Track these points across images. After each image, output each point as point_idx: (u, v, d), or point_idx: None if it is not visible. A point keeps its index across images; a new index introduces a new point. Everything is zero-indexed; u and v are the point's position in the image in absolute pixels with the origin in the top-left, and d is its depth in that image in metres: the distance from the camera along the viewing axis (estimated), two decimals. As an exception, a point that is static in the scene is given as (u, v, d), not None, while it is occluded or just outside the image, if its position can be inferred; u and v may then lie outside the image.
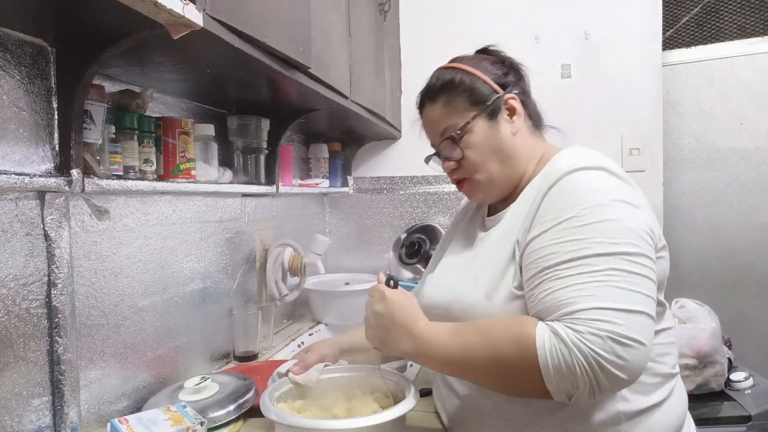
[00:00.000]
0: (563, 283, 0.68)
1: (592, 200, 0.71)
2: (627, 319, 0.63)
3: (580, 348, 0.62)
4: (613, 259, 0.67)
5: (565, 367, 0.62)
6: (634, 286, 0.66)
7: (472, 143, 0.86)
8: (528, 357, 0.65)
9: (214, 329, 1.30)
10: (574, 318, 0.64)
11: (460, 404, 0.86)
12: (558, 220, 0.72)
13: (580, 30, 1.92)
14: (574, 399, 0.65)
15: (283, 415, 0.78)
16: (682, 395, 0.83)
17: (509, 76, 0.90)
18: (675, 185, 2.08)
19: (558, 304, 0.67)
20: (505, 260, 0.79)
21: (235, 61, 0.94)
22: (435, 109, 0.90)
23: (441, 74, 0.90)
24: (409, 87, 2.08)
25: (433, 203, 2.08)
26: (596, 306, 0.64)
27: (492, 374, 0.71)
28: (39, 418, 0.81)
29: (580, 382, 0.62)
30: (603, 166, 0.76)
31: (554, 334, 0.64)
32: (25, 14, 0.74)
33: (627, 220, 0.70)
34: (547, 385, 0.64)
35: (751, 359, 1.74)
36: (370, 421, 0.75)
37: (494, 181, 0.87)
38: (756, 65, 1.98)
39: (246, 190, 1.41)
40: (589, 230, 0.69)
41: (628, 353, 0.62)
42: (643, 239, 0.70)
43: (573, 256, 0.69)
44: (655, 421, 0.76)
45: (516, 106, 0.87)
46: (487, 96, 0.86)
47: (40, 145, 0.82)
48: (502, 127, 0.86)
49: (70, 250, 0.85)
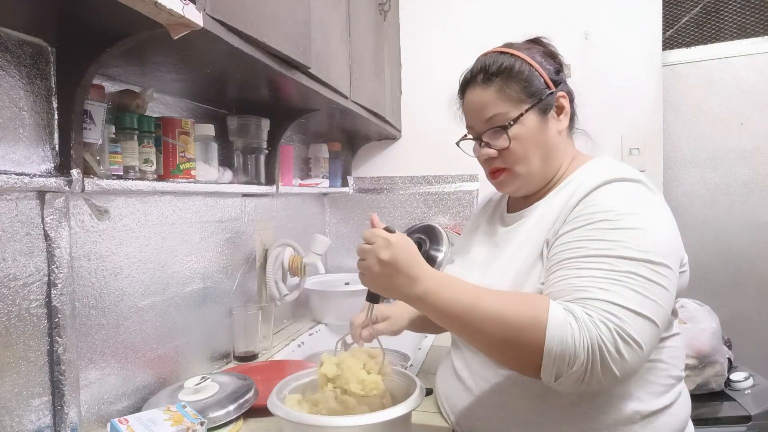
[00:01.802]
0: (581, 273, 0.69)
1: (626, 208, 0.73)
2: (634, 321, 0.64)
3: (590, 329, 0.63)
4: (635, 264, 0.68)
5: (570, 341, 0.63)
6: (649, 293, 0.67)
7: (521, 135, 0.85)
8: (538, 323, 0.64)
9: (214, 329, 1.30)
10: (586, 303, 0.66)
11: (470, 399, 0.85)
12: (590, 221, 0.73)
13: (580, 30, 1.92)
14: (558, 381, 0.65)
15: (289, 412, 0.77)
16: (688, 398, 0.85)
17: (561, 74, 0.90)
18: (675, 185, 2.08)
19: (572, 288, 0.68)
20: (533, 257, 0.80)
21: (235, 61, 0.94)
22: (487, 92, 0.86)
23: (498, 58, 0.87)
24: (409, 87, 2.08)
25: (433, 203, 2.08)
26: (608, 299, 0.65)
27: (492, 334, 0.68)
28: (39, 418, 0.81)
29: (577, 362, 0.62)
30: (641, 179, 0.78)
31: (567, 311, 0.65)
32: (25, 14, 0.74)
33: (657, 231, 0.72)
34: (545, 355, 0.64)
35: (751, 359, 1.74)
36: (375, 418, 0.74)
37: (532, 176, 0.87)
38: (756, 65, 1.98)
39: (246, 190, 1.41)
40: (618, 234, 0.70)
41: (628, 352, 0.63)
42: (670, 251, 0.71)
43: (596, 253, 0.70)
44: (664, 421, 0.77)
45: (565, 105, 0.88)
46: (541, 90, 0.86)
47: (40, 145, 0.82)
48: (551, 125, 0.87)
49: (70, 250, 0.85)
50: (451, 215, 2.06)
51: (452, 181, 2.05)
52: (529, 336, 0.65)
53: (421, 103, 2.05)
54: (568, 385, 0.65)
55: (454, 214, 2.05)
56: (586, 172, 0.83)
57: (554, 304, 0.66)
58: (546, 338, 0.64)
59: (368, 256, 0.77)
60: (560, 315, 0.64)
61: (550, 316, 0.64)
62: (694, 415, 0.87)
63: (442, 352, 1.04)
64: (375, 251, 0.76)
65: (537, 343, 0.64)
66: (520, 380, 0.78)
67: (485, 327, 0.69)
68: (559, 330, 0.63)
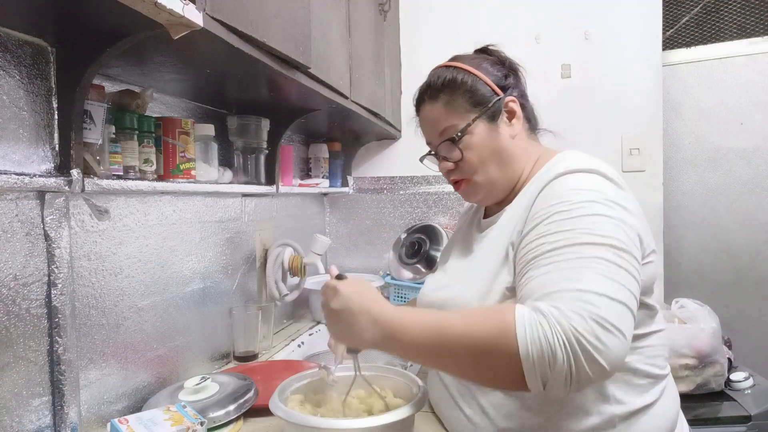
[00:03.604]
0: (547, 270, 0.67)
1: (582, 197, 0.71)
2: (609, 306, 0.61)
3: (561, 323, 0.59)
4: (600, 249, 0.66)
5: (544, 340, 0.59)
6: (617, 277, 0.64)
7: (472, 145, 0.86)
8: (506, 331, 0.61)
9: (214, 329, 1.30)
10: (554, 297, 0.62)
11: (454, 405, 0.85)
12: (547, 215, 0.72)
13: (580, 30, 1.92)
14: (549, 386, 0.60)
15: (290, 413, 0.77)
16: (674, 396, 0.83)
17: (509, 79, 0.90)
18: (675, 185, 2.08)
19: (539, 286, 0.66)
20: (498, 261, 0.79)
21: (235, 61, 0.94)
22: (435, 108, 0.89)
23: (442, 73, 0.89)
24: (409, 87, 2.07)
25: (433, 203, 2.08)
26: (578, 288, 0.62)
27: (465, 356, 0.65)
28: (39, 418, 0.81)
29: (557, 361, 0.58)
30: (596, 169, 0.76)
31: (534, 310, 0.62)
32: (25, 14, 0.74)
33: (617, 218, 0.70)
34: (524, 364, 0.60)
35: (751, 359, 1.74)
36: (378, 420, 0.74)
37: (492, 183, 0.88)
38: (756, 65, 1.98)
39: (246, 190, 1.41)
40: (577, 222, 0.69)
41: (608, 338, 0.59)
42: (631, 239, 0.69)
43: (558, 245, 0.68)
44: (647, 422, 0.75)
45: (516, 109, 0.88)
46: (488, 98, 0.86)
47: (40, 145, 0.82)
48: (502, 130, 0.87)
49: (70, 250, 0.85)
50: (451, 215, 2.06)
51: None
52: (502, 347, 0.61)
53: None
54: (557, 389, 0.60)
55: (454, 214, 2.05)
56: (547, 168, 0.82)
57: (520, 308, 0.63)
58: (518, 344, 0.60)
59: (324, 310, 0.78)
60: (527, 316, 0.61)
61: (517, 320, 0.61)
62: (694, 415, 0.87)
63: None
64: (326, 304, 0.76)
65: (511, 352, 0.60)
66: None
67: (456, 351, 0.65)
68: (529, 332, 0.60)
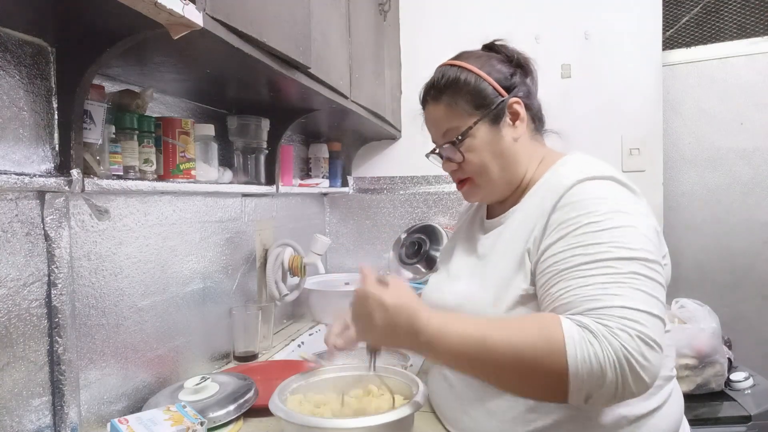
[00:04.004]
0: (585, 282, 0.67)
1: (606, 207, 0.72)
2: (651, 322, 0.63)
3: (612, 342, 0.60)
4: (635, 264, 0.67)
5: (595, 360, 0.59)
6: (653, 291, 0.66)
7: (473, 147, 0.86)
8: (555, 349, 0.61)
9: (214, 329, 1.30)
10: (600, 314, 0.63)
11: (457, 402, 0.85)
12: (575, 226, 0.72)
13: (580, 30, 1.92)
14: (592, 401, 0.62)
15: (291, 413, 0.77)
16: (679, 397, 0.84)
17: (515, 77, 0.88)
18: (675, 185, 2.08)
19: (581, 300, 0.66)
20: (513, 267, 0.78)
21: (235, 61, 0.94)
22: (438, 108, 0.89)
23: (446, 72, 0.88)
24: (409, 87, 2.07)
25: (433, 203, 2.08)
26: (624, 305, 0.63)
27: (510, 370, 0.65)
28: (39, 418, 0.81)
29: (608, 379, 0.60)
30: (612, 175, 0.76)
31: (583, 327, 0.62)
32: (25, 14, 0.74)
33: (640, 227, 0.71)
34: (571, 380, 0.60)
35: (751, 359, 1.74)
36: (378, 420, 0.74)
37: (493, 185, 0.88)
38: (756, 65, 1.98)
39: (246, 190, 1.41)
40: (608, 235, 0.69)
41: (652, 356, 0.61)
42: (655, 246, 0.71)
43: (594, 258, 0.68)
44: (655, 423, 0.76)
45: (520, 111, 0.87)
46: (491, 99, 0.85)
47: (40, 145, 0.82)
48: (504, 132, 0.86)
49: (70, 250, 0.85)
50: (451, 215, 2.06)
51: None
52: (550, 364, 0.62)
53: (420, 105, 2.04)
54: (600, 404, 0.63)
55: (454, 214, 2.05)
56: (557, 173, 0.81)
57: (567, 323, 0.63)
58: (568, 363, 0.60)
59: (364, 319, 0.74)
60: (576, 334, 0.61)
61: (566, 337, 0.61)
62: (694, 415, 0.87)
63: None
64: (369, 315, 0.72)
65: (559, 370, 0.61)
66: None
67: (500, 364, 0.65)
68: (579, 351, 0.60)
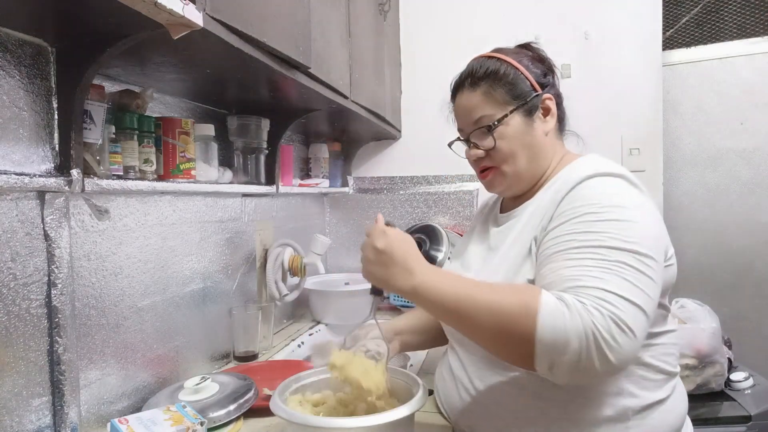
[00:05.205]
0: (571, 264, 0.70)
1: (611, 201, 0.75)
2: (627, 308, 0.65)
3: (582, 315, 0.63)
4: (624, 254, 0.69)
5: (561, 328, 0.63)
6: (639, 282, 0.68)
7: (506, 135, 0.88)
8: (528, 312, 0.65)
9: (214, 329, 1.30)
10: (579, 292, 0.66)
11: (467, 398, 0.86)
12: (575, 215, 0.75)
13: (580, 30, 1.92)
14: (554, 370, 0.65)
15: (292, 413, 0.77)
16: (683, 394, 0.86)
17: (548, 77, 0.92)
18: (675, 185, 2.08)
19: (564, 278, 0.69)
20: (522, 255, 0.82)
21: (235, 61, 0.94)
22: (474, 95, 0.90)
23: (485, 62, 0.91)
24: (409, 87, 2.08)
25: (433, 203, 2.08)
26: (602, 287, 0.66)
27: (486, 324, 0.70)
28: (39, 418, 0.81)
29: (570, 348, 0.63)
30: (623, 174, 0.79)
31: (560, 299, 0.66)
32: (25, 14, 0.74)
33: (642, 223, 0.73)
34: (537, 343, 0.64)
35: (751, 359, 1.74)
36: (380, 419, 0.74)
37: (519, 175, 0.90)
38: (756, 65, 1.98)
39: (246, 190, 1.41)
40: (605, 226, 0.72)
41: (622, 338, 0.63)
42: (655, 244, 0.73)
43: (585, 245, 0.71)
44: (659, 417, 0.78)
45: (551, 107, 0.90)
46: (527, 92, 0.89)
47: (40, 145, 0.82)
48: (536, 125, 0.90)
49: (70, 250, 0.85)
50: (451, 215, 2.06)
51: (452, 181, 2.04)
52: (521, 324, 0.65)
53: (421, 103, 2.04)
54: (562, 374, 0.65)
55: (454, 214, 2.05)
56: (572, 169, 0.85)
57: (546, 294, 0.67)
58: (537, 325, 0.64)
59: (365, 247, 0.82)
60: (551, 302, 0.65)
61: (542, 303, 0.65)
62: (694, 415, 0.88)
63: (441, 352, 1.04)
64: (372, 241, 0.80)
65: (529, 331, 0.65)
66: (515, 378, 0.80)
67: (479, 317, 0.70)
68: (550, 317, 0.64)
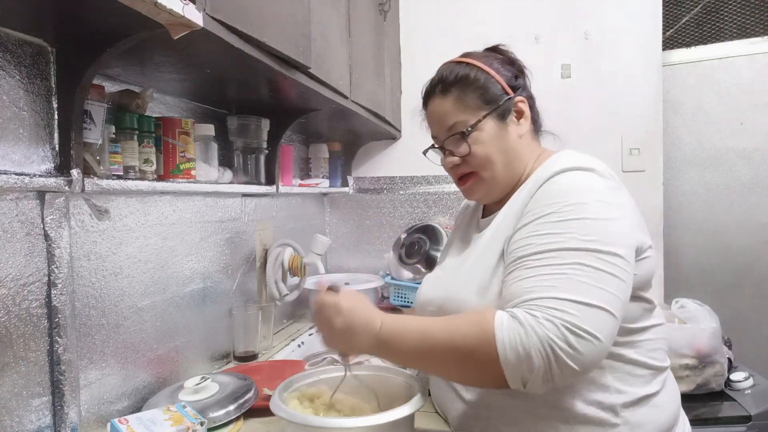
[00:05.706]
0: (529, 273, 0.70)
1: (574, 198, 0.74)
2: (584, 312, 0.64)
3: (536, 331, 0.63)
4: (582, 254, 0.69)
5: (521, 348, 0.63)
6: (598, 282, 0.67)
7: (481, 140, 0.87)
8: (486, 338, 0.66)
9: (214, 329, 1.30)
10: (531, 304, 0.66)
11: (459, 400, 0.86)
12: (540, 215, 0.75)
13: (580, 30, 1.92)
14: (528, 386, 0.65)
15: (292, 413, 0.77)
16: (675, 390, 0.85)
17: (519, 79, 0.91)
18: (675, 185, 2.08)
19: (521, 290, 0.69)
20: (496, 257, 0.81)
21: (235, 61, 0.94)
22: (445, 102, 0.90)
23: (455, 68, 0.90)
24: (409, 87, 2.07)
25: (433, 203, 2.08)
26: (554, 296, 0.66)
27: (450, 360, 0.70)
28: (39, 418, 0.81)
29: (535, 365, 0.63)
30: (592, 167, 0.78)
31: (512, 318, 0.66)
32: (25, 14, 0.74)
33: (605, 220, 0.72)
34: (503, 367, 0.64)
35: (751, 359, 1.74)
36: (379, 419, 0.74)
37: (497, 180, 0.89)
38: (756, 65, 1.98)
39: (246, 190, 1.41)
40: (566, 226, 0.71)
41: (581, 345, 0.63)
42: (620, 240, 0.72)
43: (544, 249, 0.71)
44: (649, 413, 0.77)
45: (524, 110, 0.89)
46: (498, 96, 0.88)
47: (40, 145, 0.82)
48: (510, 129, 0.88)
49: (70, 250, 0.85)
50: (451, 215, 2.06)
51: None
52: (483, 353, 0.66)
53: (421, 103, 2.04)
54: (537, 387, 0.65)
55: (453, 214, 2.05)
56: (544, 167, 0.84)
57: (499, 314, 0.67)
58: (498, 350, 0.64)
59: (323, 323, 0.80)
60: (506, 325, 0.65)
61: (496, 327, 0.66)
62: (693, 415, 0.87)
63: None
64: (328, 320, 0.78)
65: (491, 358, 0.65)
66: None
67: (441, 356, 0.71)
68: (507, 338, 0.64)
